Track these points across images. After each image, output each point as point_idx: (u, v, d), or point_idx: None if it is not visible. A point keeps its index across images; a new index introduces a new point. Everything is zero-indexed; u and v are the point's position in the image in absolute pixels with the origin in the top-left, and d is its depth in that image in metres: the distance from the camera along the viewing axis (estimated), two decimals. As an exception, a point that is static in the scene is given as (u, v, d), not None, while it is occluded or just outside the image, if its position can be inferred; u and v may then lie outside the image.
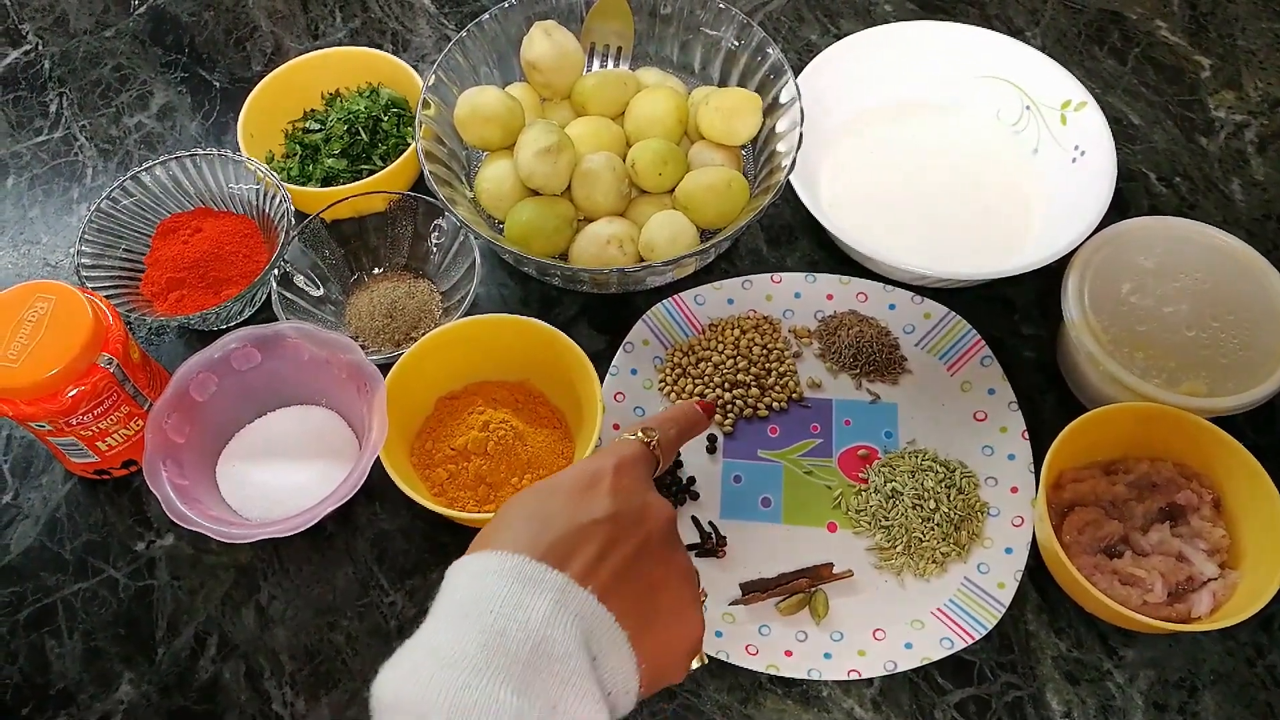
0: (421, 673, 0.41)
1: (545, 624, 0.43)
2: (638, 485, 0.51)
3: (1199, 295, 0.73)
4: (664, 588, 0.48)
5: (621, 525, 0.48)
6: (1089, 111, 0.82)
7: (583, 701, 0.42)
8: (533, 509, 0.48)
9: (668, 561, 0.49)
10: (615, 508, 0.48)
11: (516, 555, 0.45)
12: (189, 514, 0.64)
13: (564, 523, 0.47)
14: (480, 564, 0.45)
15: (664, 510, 0.50)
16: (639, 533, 0.48)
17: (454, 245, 0.80)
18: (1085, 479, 0.69)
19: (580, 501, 0.48)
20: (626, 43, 0.87)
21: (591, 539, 0.47)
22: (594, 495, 0.49)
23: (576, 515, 0.47)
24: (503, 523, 0.48)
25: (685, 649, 0.49)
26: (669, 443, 0.56)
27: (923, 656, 0.65)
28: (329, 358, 0.70)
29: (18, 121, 0.94)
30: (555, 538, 0.46)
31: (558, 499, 0.48)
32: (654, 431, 0.55)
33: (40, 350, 0.64)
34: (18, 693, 0.67)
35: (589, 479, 0.50)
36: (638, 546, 0.48)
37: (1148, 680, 0.66)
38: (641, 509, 0.49)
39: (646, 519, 0.49)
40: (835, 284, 0.80)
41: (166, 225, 0.81)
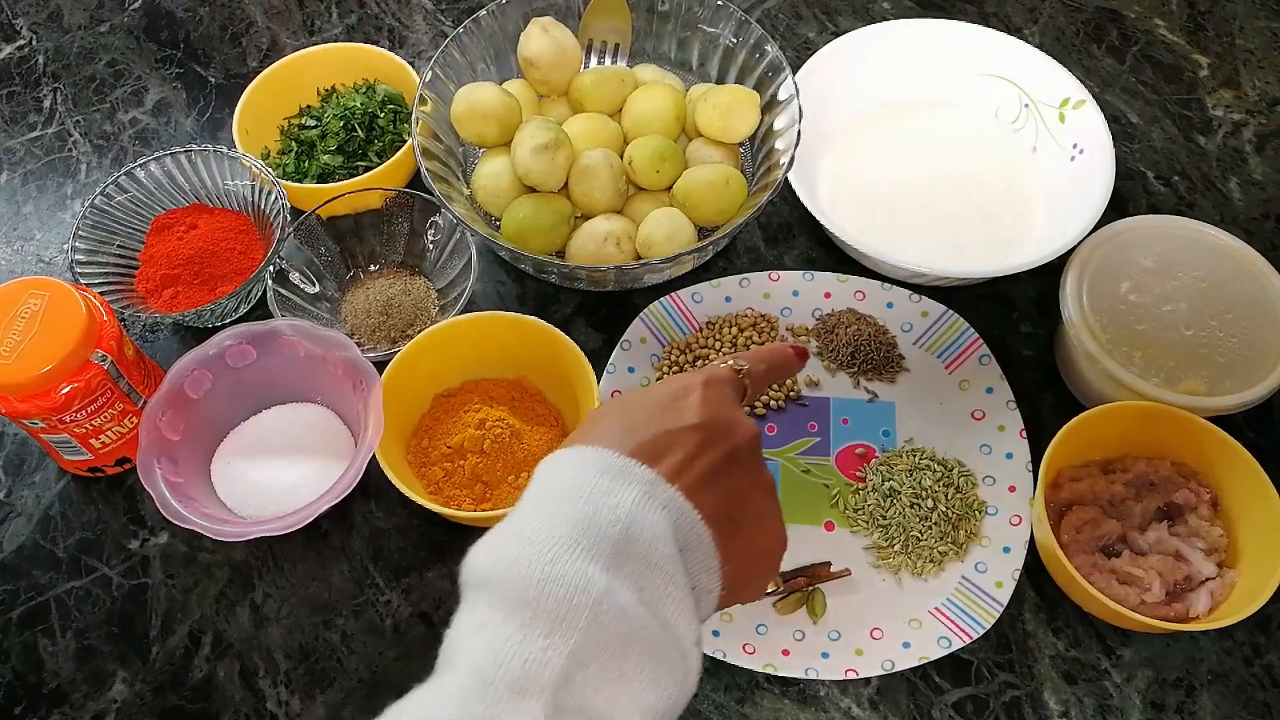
0: (511, 549, 0.42)
1: (634, 510, 0.43)
2: (726, 402, 0.51)
3: (1197, 294, 0.73)
4: (749, 499, 0.49)
5: (709, 434, 0.48)
6: (1087, 110, 0.82)
7: (669, 584, 0.43)
8: (622, 413, 0.48)
9: (753, 475, 0.50)
10: (704, 417, 0.48)
11: (606, 450, 0.45)
12: (183, 512, 0.63)
13: (654, 427, 0.47)
14: (569, 456, 0.46)
15: (751, 428, 0.50)
16: (726, 443, 0.48)
17: (450, 242, 0.79)
18: (1083, 478, 0.69)
19: (670, 409, 0.48)
20: (624, 39, 0.87)
21: (680, 443, 0.47)
22: (684, 405, 0.49)
23: (666, 421, 0.48)
24: (592, 424, 0.48)
25: (767, 561, 0.50)
26: (759, 376, 0.55)
27: (920, 656, 0.65)
28: (325, 355, 0.70)
29: (11, 117, 0.94)
30: (644, 439, 0.46)
31: (647, 406, 0.49)
32: (744, 364, 0.54)
33: (33, 347, 0.64)
34: (10, 692, 0.67)
35: (679, 391, 0.50)
36: (725, 455, 0.48)
37: (1145, 679, 0.66)
38: (729, 422, 0.49)
39: (734, 432, 0.49)
40: (833, 282, 0.79)
41: (161, 221, 0.81)
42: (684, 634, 0.43)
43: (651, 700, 0.41)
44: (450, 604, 0.68)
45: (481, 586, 0.42)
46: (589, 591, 0.40)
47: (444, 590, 0.70)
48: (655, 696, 0.41)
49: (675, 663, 0.42)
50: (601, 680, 0.39)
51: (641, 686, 0.41)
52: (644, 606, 0.41)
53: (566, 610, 0.39)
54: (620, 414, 0.48)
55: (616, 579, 0.41)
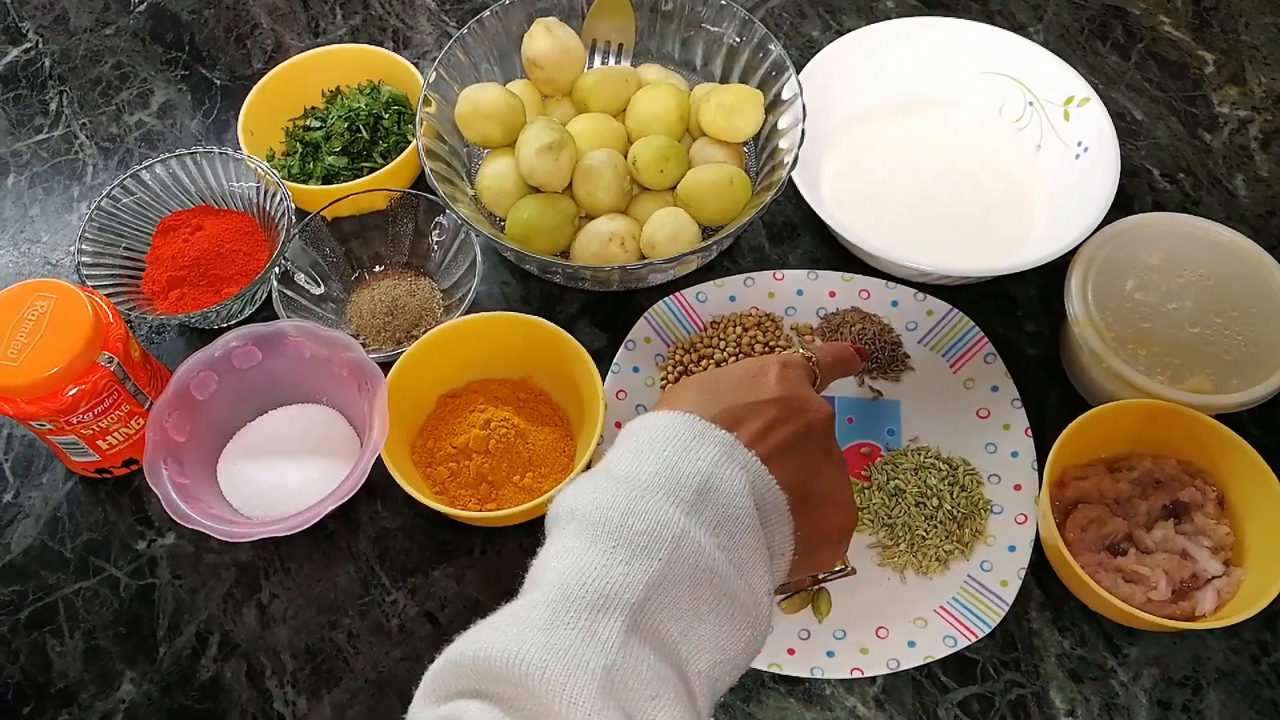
0: (598, 487, 0.45)
1: (714, 465, 0.46)
2: (801, 382, 0.53)
3: (1203, 291, 0.73)
4: (821, 472, 0.51)
5: (786, 408, 0.50)
6: (1092, 107, 0.81)
7: (746, 535, 0.45)
8: (704, 385, 0.51)
9: (827, 450, 0.52)
10: (781, 393, 0.51)
11: (688, 414, 0.48)
12: (190, 513, 0.64)
13: (734, 398, 0.50)
14: (653, 419, 0.48)
15: (825, 408, 0.52)
16: (802, 418, 0.50)
17: (455, 243, 0.80)
18: (1089, 476, 0.69)
19: (749, 384, 0.51)
20: (628, 39, 0.87)
21: (758, 414, 0.49)
22: (761, 382, 0.51)
23: (745, 393, 0.50)
24: (675, 393, 0.51)
25: (839, 533, 0.52)
26: (827, 367, 0.58)
27: (926, 655, 0.65)
28: (330, 356, 0.70)
29: (18, 120, 0.94)
30: (724, 407, 0.49)
31: (728, 380, 0.51)
32: (814, 354, 0.57)
33: (41, 349, 0.64)
34: (19, 692, 0.67)
35: (758, 369, 0.52)
36: (800, 429, 0.50)
37: (1152, 678, 0.66)
38: (805, 399, 0.52)
39: (809, 409, 0.51)
40: (838, 281, 0.79)
41: (167, 223, 0.81)
42: (757, 583, 0.45)
43: (722, 639, 0.43)
44: (456, 604, 0.69)
45: (568, 520, 0.45)
46: (669, 527, 0.43)
47: (450, 590, 0.70)
48: (726, 636, 0.43)
49: (748, 607, 0.44)
50: (677, 610, 0.42)
51: (714, 623, 0.43)
52: (721, 551, 0.44)
53: (648, 542, 0.42)
54: (702, 386, 0.51)
55: (695, 522, 0.43)
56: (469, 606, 0.69)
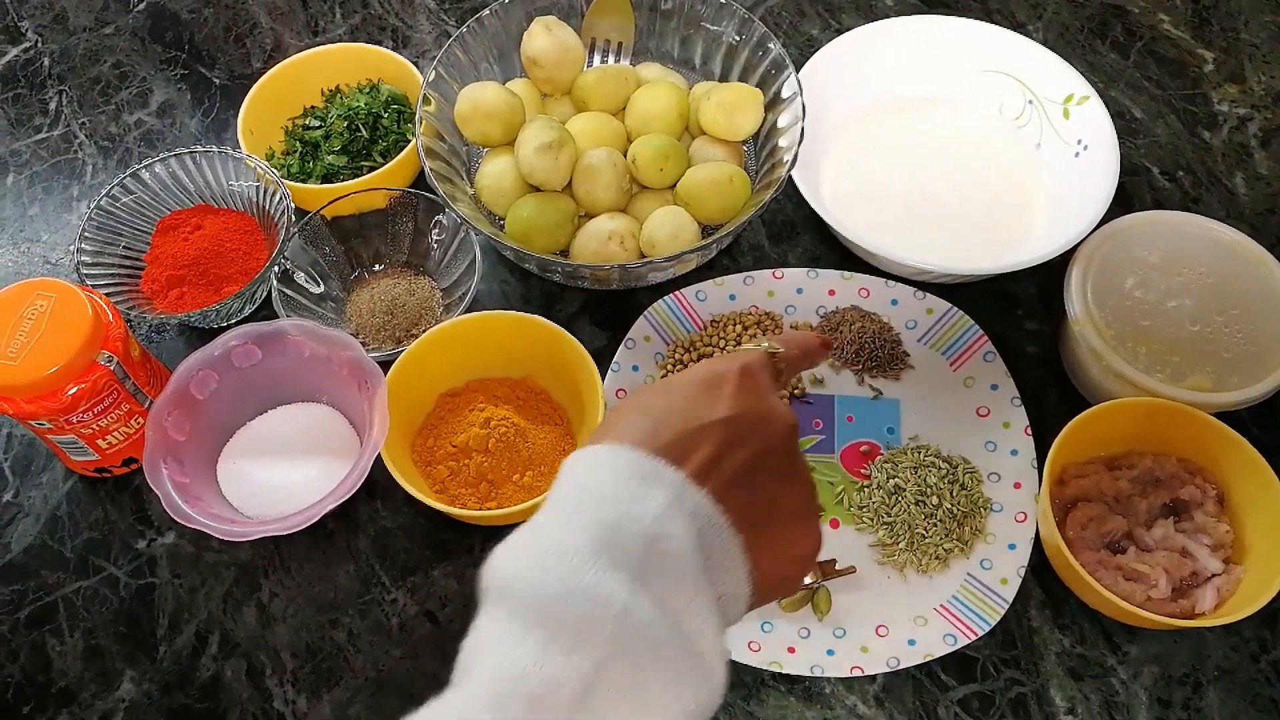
0: (532, 559, 0.41)
1: (659, 520, 0.41)
2: (761, 391, 0.48)
3: (1203, 290, 0.73)
4: (781, 497, 0.46)
5: (742, 428, 0.46)
6: (1091, 106, 0.81)
7: (693, 601, 0.41)
8: (651, 404, 0.46)
9: (787, 471, 0.47)
10: (737, 410, 0.46)
11: (632, 449, 0.43)
12: (190, 512, 0.64)
13: (683, 420, 0.45)
14: (595, 457, 0.44)
15: (787, 418, 0.48)
16: (760, 438, 0.46)
17: (455, 242, 0.80)
18: (1088, 474, 0.69)
19: (701, 400, 0.46)
20: (627, 38, 0.87)
21: (710, 438, 0.45)
22: (716, 396, 0.47)
23: (697, 413, 0.45)
24: (620, 417, 0.46)
25: (800, 562, 0.48)
26: (793, 360, 0.54)
27: (926, 653, 0.65)
28: (330, 355, 0.70)
29: (17, 119, 0.94)
30: (674, 435, 0.44)
31: (678, 395, 0.47)
32: (779, 347, 0.52)
33: (40, 348, 0.64)
34: (19, 691, 0.67)
35: (712, 379, 0.47)
36: (757, 451, 0.46)
37: (1152, 676, 0.66)
38: (764, 414, 0.47)
39: (768, 425, 0.47)
40: (837, 280, 0.79)
41: (166, 222, 0.81)
42: (708, 648, 0.41)
43: (673, 710, 0.40)
44: (456, 603, 0.69)
45: (502, 596, 0.41)
46: (610, 605, 0.39)
47: (450, 589, 0.70)
48: (677, 706, 0.40)
49: (699, 679, 0.41)
50: (621, 695, 0.39)
51: (662, 702, 0.40)
52: (667, 620, 0.40)
53: (588, 626, 0.38)
54: (648, 408, 0.46)
55: (639, 592, 0.40)
56: (469, 605, 0.69)
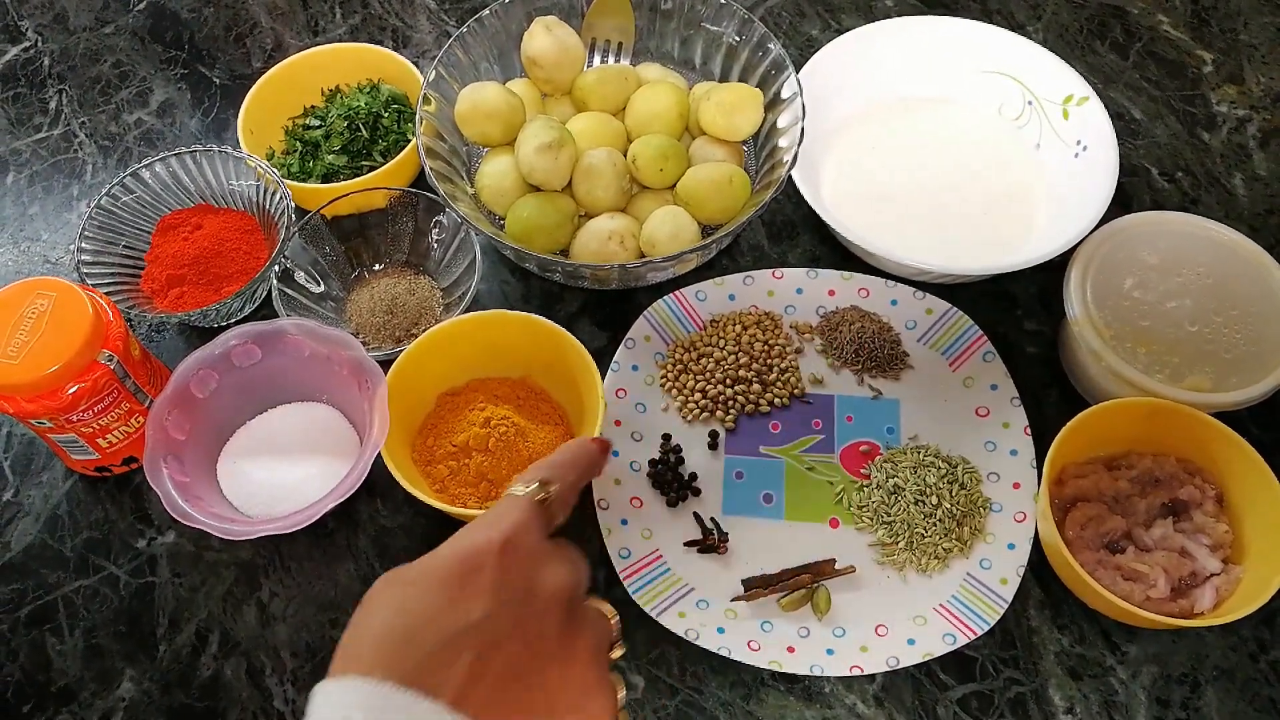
0: None
1: None
2: (525, 568, 0.45)
3: (1202, 290, 0.73)
4: (561, 685, 0.44)
5: (504, 625, 0.42)
6: (1091, 106, 0.82)
7: None
8: (399, 615, 0.42)
9: (564, 652, 0.44)
10: (495, 604, 0.42)
11: (381, 684, 0.39)
12: (190, 511, 0.64)
13: (434, 633, 0.41)
14: (340, 695, 0.39)
15: (559, 590, 0.45)
16: (525, 628, 0.43)
17: (455, 241, 0.80)
18: (1088, 474, 0.69)
19: (455, 601, 0.42)
20: (627, 38, 0.87)
21: (468, 648, 0.41)
22: (471, 591, 0.42)
23: (451, 619, 0.42)
24: (366, 633, 0.42)
25: None
26: (567, 490, 0.50)
27: (925, 652, 0.65)
28: (330, 354, 0.70)
29: (17, 118, 0.94)
30: (424, 655, 0.40)
31: (429, 598, 0.42)
32: (551, 484, 0.49)
33: (40, 347, 0.64)
34: (19, 690, 0.67)
35: (467, 567, 0.43)
36: (525, 645, 0.43)
37: (1150, 676, 0.66)
38: (527, 596, 0.44)
39: (534, 612, 0.44)
40: (837, 280, 0.79)
41: (167, 222, 0.81)
42: None
43: None
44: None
45: None
46: None
47: (449, 588, 0.70)
48: None
49: None
50: None
51: None
52: None
53: None
54: (399, 615, 0.42)
55: None
56: (469, 604, 0.69)
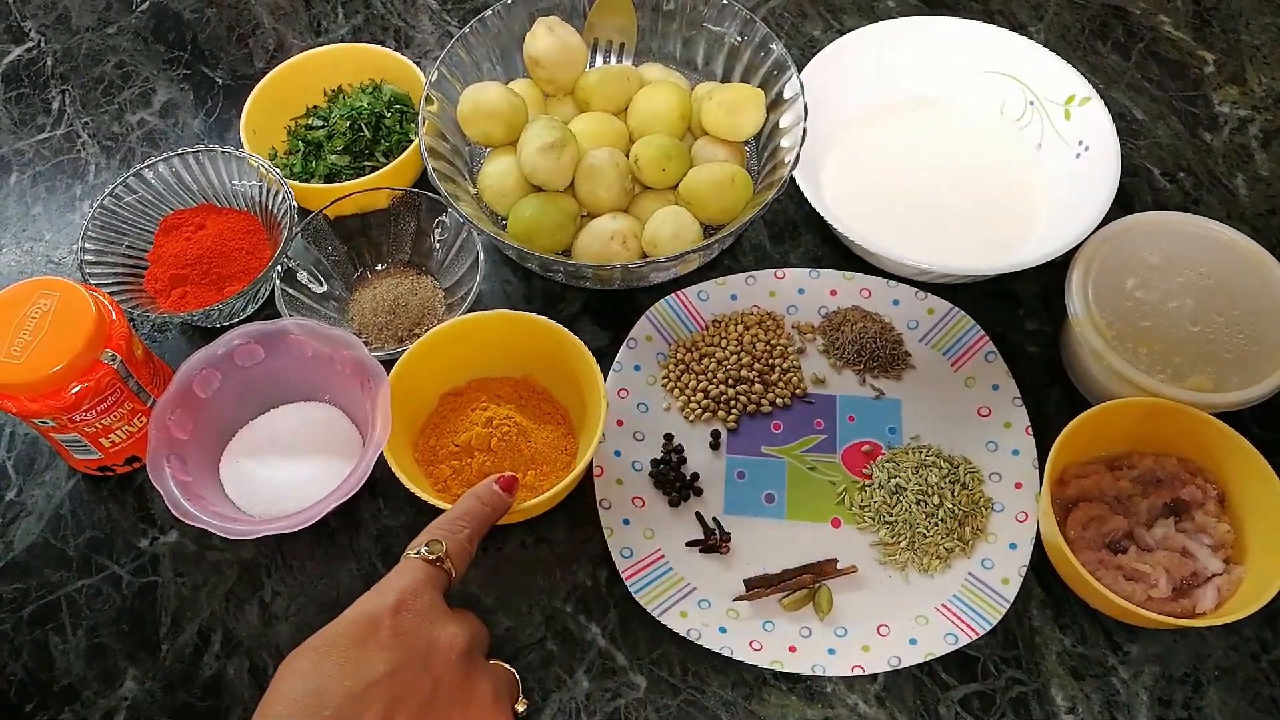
0: None
1: None
2: (421, 623, 0.48)
3: (1204, 290, 0.73)
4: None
5: (405, 679, 0.46)
6: (1093, 107, 0.82)
7: None
8: (308, 679, 0.46)
9: (464, 702, 0.47)
10: (396, 661, 0.46)
11: None
12: (192, 510, 0.64)
13: (342, 690, 0.45)
14: None
15: (455, 641, 0.48)
16: (425, 682, 0.46)
17: (457, 241, 0.80)
18: (1089, 474, 0.69)
19: (357, 661, 0.46)
20: (629, 39, 0.87)
21: (376, 700, 0.45)
22: (371, 649, 0.46)
23: (354, 678, 0.45)
24: (280, 700, 0.45)
25: None
26: (460, 548, 0.53)
27: (927, 652, 0.65)
28: (332, 354, 0.70)
29: (20, 119, 0.94)
30: (335, 710, 0.44)
31: (334, 660, 0.46)
32: (440, 544, 0.52)
33: (44, 346, 0.64)
34: (22, 689, 0.67)
35: (365, 629, 0.47)
36: (426, 698, 0.46)
37: (1152, 676, 0.66)
38: (427, 651, 0.47)
39: (433, 661, 0.47)
40: (839, 280, 0.79)
41: (169, 222, 0.81)
42: None
43: None
44: (457, 602, 0.69)
45: None
46: None
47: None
48: None
49: None
50: None
51: None
52: None
53: None
54: (305, 681, 0.46)
55: None
56: (470, 604, 0.69)
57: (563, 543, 0.71)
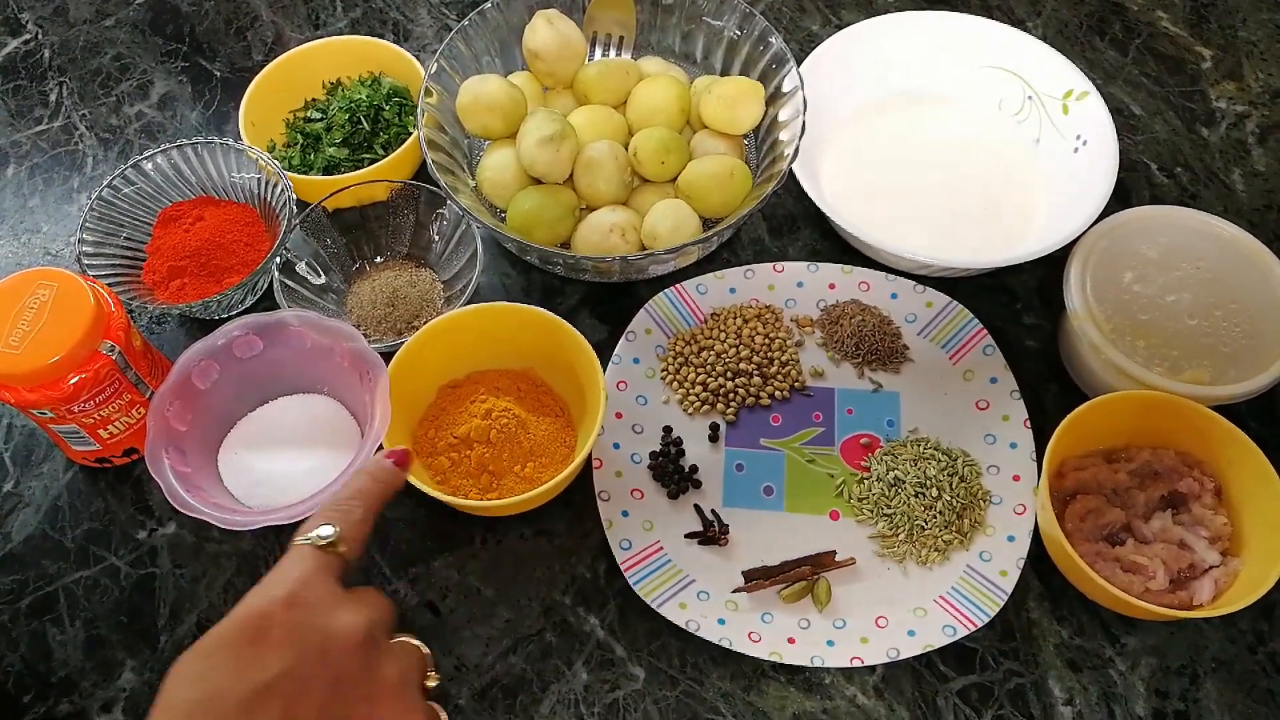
0: None
1: None
2: (315, 615, 0.46)
3: (1201, 284, 0.73)
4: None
5: (302, 676, 0.44)
6: (1091, 101, 0.82)
7: None
8: (199, 685, 0.44)
9: (369, 690, 0.46)
10: (291, 657, 0.44)
11: None
12: (191, 501, 0.63)
13: (235, 695, 0.43)
14: None
15: (353, 629, 0.46)
16: (324, 675, 0.44)
17: (456, 234, 0.80)
18: (1087, 467, 0.69)
19: (249, 661, 0.44)
20: (628, 32, 0.87)
21: (274, 701, 0.43)
22: (263, 648, 0.44)
23: (250, 678, 0.43)
24: (170, 709, 0.43)
25: None
26: (354, 530, 0.51)
27: (925, 644, 0.65)
28: (331, 346, 0.70)
29: (18, 110, 0.94)
30: (230, 717, 0.42)
31: (224, 664, 0.44)
32: (332, 528, 0.50)
33: (42, 337, 0.64)
34: (19, 680, 0.67)
35: (255, 628, 0.45)
36: (327, 692, 0.44)
37: (1149, 667, 0.66)
38: (323, 644, 0.45)
39: (331, 653, 0.45)
40: (837, 273, 0.80)
41: (168, 214, 0.81)
42: None
43: None
44: (457, 593, 0.69)
45: None
46: None
47: (451, 580, 0.70)
48: None
49: None
50: None
51: None
52: None
53: None
54: (198, 685, 0.44)
55: None
56: (469, 596, 0.69)
57: (562, 535, 0.71)
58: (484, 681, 0.66)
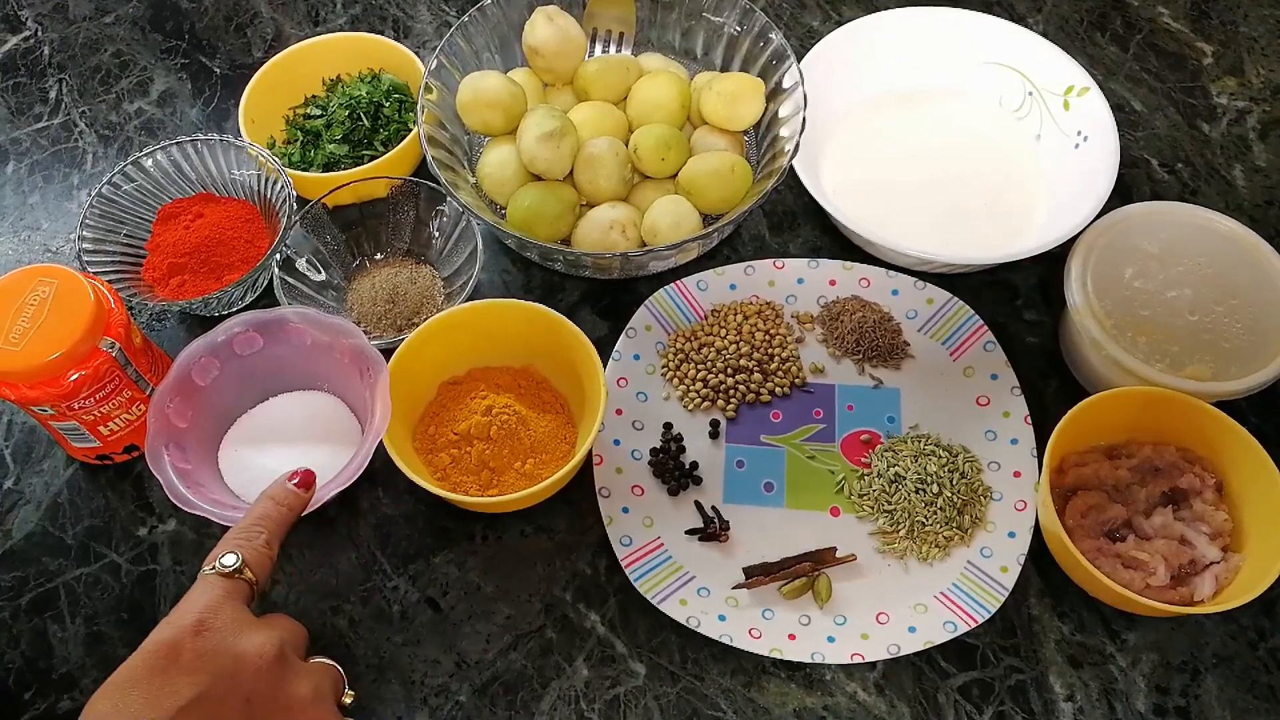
0: None
1: None
2: (224, 639, 0.47)
3: (1202, 280, 0.73)
4: None
5: (216, 700, 0.45)
6: (1092, 97, 0.82)
7: None
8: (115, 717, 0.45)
9: (283, 708, 0.47)
10: (203, 683, 0.45)
11: None
12: (191, 498, 0.63)
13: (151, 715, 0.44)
14: None
15: (264, 650, 0.47)
16: (237, 698, 0.45)
17: (456, 231, 0.80)
18: (1088, 463, 0.69)
19: (161, 691, 0.45)
20: (629, 28, 0.87)
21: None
22: (174, 676, 0.45)
23: (161, 709, 0.44)
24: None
25: None
26: (258, 555, 0.52)
27: (926, 640, 0.65)
28: (331, 342, 0.70)
29: (17, 108, 0.94)
30: None
31: (136, 695, 0.45)
32: (236, 555, 0.51)
33: (42, 333, 0.64)
34: (20, 677, 0.67)
35: (166, 656, 0.46)
36: (246, 708, 0.45)
37: (1150, 663, 0.66)
38: (234, 667, 0.46)
39: (243, 676, 0.46)
40: (838, 270, 0.80)
41: (168, 210, 0.81)
42: None
43: None
44: (457, 589, 0.69)
45: None
46: None
47: (451, 576, 0.70)
48: None
49: None
50: None
51: None
52: None
53: None
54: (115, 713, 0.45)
55: None
56: (470, 592, 0.69)
57: (562, 531, 0.71)
58: (484, 678, 0.66)
